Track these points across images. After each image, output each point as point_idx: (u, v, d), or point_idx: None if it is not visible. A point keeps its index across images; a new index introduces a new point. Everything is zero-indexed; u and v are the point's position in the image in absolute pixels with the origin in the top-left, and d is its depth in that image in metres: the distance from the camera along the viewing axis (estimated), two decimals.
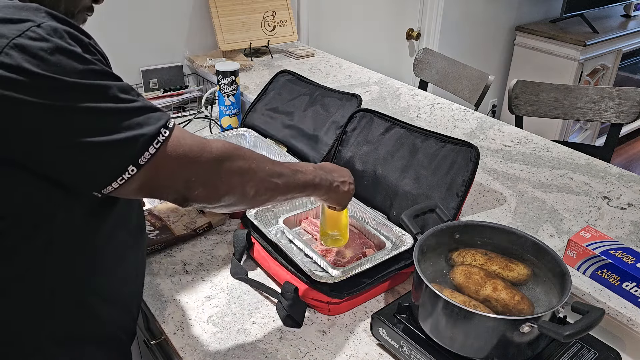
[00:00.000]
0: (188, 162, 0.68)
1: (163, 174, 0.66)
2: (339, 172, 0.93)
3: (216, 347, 0.89)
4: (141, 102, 0.66)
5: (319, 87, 1.48)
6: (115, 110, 0.63)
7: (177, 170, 0.67)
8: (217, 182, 0.71)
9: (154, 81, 1.84)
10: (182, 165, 0.67)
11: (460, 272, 0.85)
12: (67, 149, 0.61)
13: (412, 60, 2.50)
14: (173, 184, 0.68)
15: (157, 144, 0.65)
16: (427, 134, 1.16)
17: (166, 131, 0.66)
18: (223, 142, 0.72)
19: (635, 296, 0.88)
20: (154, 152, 0.64)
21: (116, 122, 0.62)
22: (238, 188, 0.73)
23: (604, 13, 3.41)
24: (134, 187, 0.65)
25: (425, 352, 0.81)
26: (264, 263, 1.05)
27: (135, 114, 0.64)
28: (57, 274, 0.70)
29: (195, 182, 0.69)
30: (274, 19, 2.04)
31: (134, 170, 0.63)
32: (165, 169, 0.66)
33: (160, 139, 0.65)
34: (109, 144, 0.62)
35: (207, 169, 0.69)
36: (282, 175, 0.79)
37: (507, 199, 1.20)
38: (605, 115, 1.95)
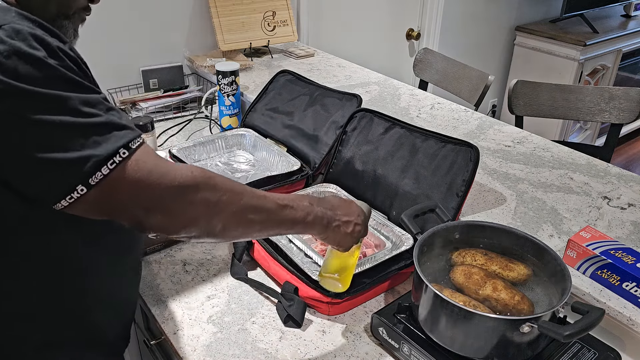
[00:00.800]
0: (146, 187, 0.63)
1: (117, 196, 0.62)
2: (344, 210, 0.82)
3: (216, 347, 0.89)
4: (105, 117, 0.62)
5: (319, 87, 1.48)
6: (70, 124, 0.59)
7: (134, 194, 0.63)
8: (178, 212, 0.65)
9: (154, 81, 1.84)
10: (139, 189, 0.63)
11: (460, 272, 0.85)
12: (19, 159, 0.59)
13: (412, 60, 2.50)
14: (128, 208, 0.63)
15: (112, 165, 0.60)
16: (427, 134, 1.16)
17: (125, 152, 0.62)
18: (193, 169, 0.67)
19: (635, 296, 0.88)
20: (107, 172, 0.60)
21: (70, 138, 0.59)
22: (202, 221, 0.67)
23: (604, 13, 3.41)
24: (86, 207, 0.62)
25: (425, 352, 0.81)
26: (264, 263, 1.05)
27: (94, 131, 0.61)
28: (40, 281, 0.68)
29: (153, 209, 0.63)
30: (274, 19, 2.04)
31: (83, 190, 0.60)
32: (119, 192, 0.62)
33: (116, 159, 0.61)
34: (59, 162, 0.58)
35: (166, 196, 0.64)
36: (262, 210, 0.71)
37: (507, 199, 1.20)
38: (605, 115, 1.95)
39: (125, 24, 1.81)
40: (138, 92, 1.83)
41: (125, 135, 0.63)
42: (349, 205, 0.84)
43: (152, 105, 1.70)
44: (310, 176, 1.30)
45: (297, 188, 1.25)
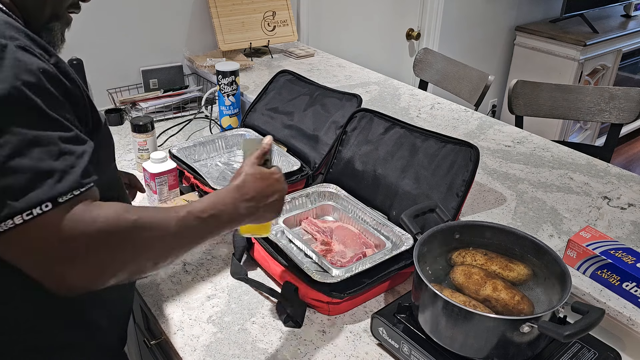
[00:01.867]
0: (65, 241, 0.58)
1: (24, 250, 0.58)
2: (266, 192, 0.78)
3: (216, 347, 0.89)
4: (46, 163, 0.57)
5: (319, 87, 1.48)
6: (6, 161, 0.55)
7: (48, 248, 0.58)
8: (103, 261, 0.60)
9: (154, 81, 1.84)
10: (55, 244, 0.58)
11: (460, 272, 0.85)
12: None
13: (412, 60, 2.50)
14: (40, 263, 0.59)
15: (27, 216, 0.56)
16: (427, 134, 1.16)
17: (49, 205, 0.57)
18: (117, 213, 0.62)
19: (635, 296, 0.88)
20: (20, 222, 0.56)
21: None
22: (130, 265, 0.63)
23: (604, 13, 3.41)
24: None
25: (425, 352, 0.81)
26: (264, 263, 1.05)
27: (25, 176, 0.56)
28: (35, 288, 0.64)
29: (72, 261, 0.58)
30: (274, 19, 2.04)
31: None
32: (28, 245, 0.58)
33: (35, 212, 0.56)
34: None
35: (90, 247, 0.59)
36: (188, 234, 0.68)
37: (507, 199, 1.20)
38: (605, 115, 1.95)
39: (125, 24, 1.81)
40: (138, 92, 1.83)
41: (58, 187, 0.58)
42: (268, 184, 0.80)
43: (152, 105, 1.70)
44: (310, 176, 1.30)
45: (297, 188, 1.25)
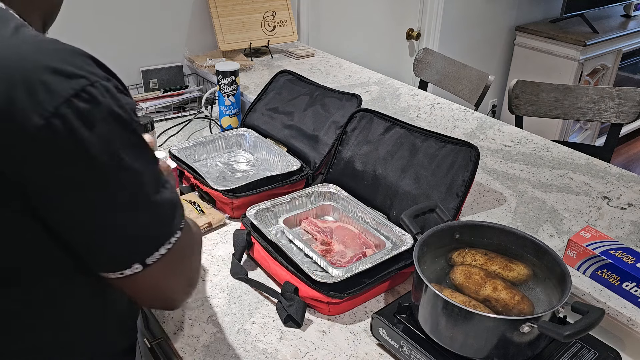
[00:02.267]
0: (187, 266, 0.68)
1: (163, 279, 0.64)
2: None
3: (216, 347, 0.89)
4: (168, 193, 0.62)
5: (319, 87, 1.48)
6: (148, 200, 0.59)
7: (180, 273, 0.66)
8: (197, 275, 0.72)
9: (154, 81, 1.84)
10: (184, 269, 0.67)
11: (460, 272, 0.85)
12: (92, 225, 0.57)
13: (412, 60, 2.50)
14: (169, 291, 0.66)
15: (168, 245, 0.61)
16: (427, 134, 1.16)
17: (179, 232, 0.63)
18: (197, 231, 0.71)
19: (635, 296, 0.88)
20: (164, 252, 0.61)
21: (145, 215, 0.59)
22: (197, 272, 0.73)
23: (604, 13, 3.41)
24: (127, 283, 0.62)
25: (425, 352, 0.81)
26: (264, 263, 1.05)
27: (163, 209, 0.61)
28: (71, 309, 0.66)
29: (190, 287, 0.70)
30: (274, 19, 2.04)
31: (138, 268, 0.60)
32: (166, 274, 0.64)
33: (172, 240, 0.62)
34: (129, 237, 0.59)
35: (197, 272, 0.72)
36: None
37: (507, 199, 1.20)
38: (605, 115, 1.95)
39: (125, 24, 1.81)
40: (138, 92, 1.83)
41: (179, 213, 0.63)
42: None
43: (152, 105, 1.70)
44: (310, 176, 1.30)
45: (297, 188, 1.25)
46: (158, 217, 0.60)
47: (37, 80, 0.51)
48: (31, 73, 0.52)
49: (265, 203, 1.13)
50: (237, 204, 1.19)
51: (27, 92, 0.51)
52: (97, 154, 0.54)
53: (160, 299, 0.67)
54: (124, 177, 0.57)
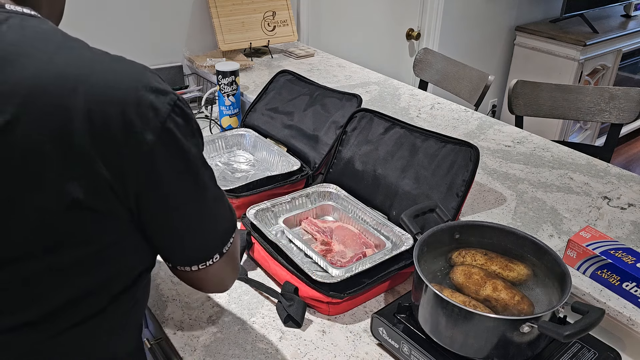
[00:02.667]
0: (236, 255, 0.76)
1: (228, 266, 0.72)
2: None
3: (216, 347, 0.89)
4: (225, 203, 0.70)
5: (319, 87, 1.48)
6: (216, 196, 0.67)
7: (233, 262, 0.74)
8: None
9: None
10: (235, 259, 0.75)
11: (460, 272, 0.85)
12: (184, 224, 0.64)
13: (412, 60, 2.50)
14: (227, 278, 0.75)
15: (234, 234, 0.71)
16: (427, 134, 1.16)
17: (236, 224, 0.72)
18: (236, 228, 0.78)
19: (635, 296, 0.88)
20: (232, 241, 0.70)
21: (220, 208, 0.68)
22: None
23: (604, 13, 3.40)
24: (198, 273, 0.69)
25: (425, 352, 0.81)
26: (264, 263, 1.05)
27: (230, 207, 0.70)
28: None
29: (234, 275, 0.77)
30: (274, 19, 2.04)
31: (217, 257, 0.68)
32: (229, 262, 0.72)
33: (236, 229, 0.72)
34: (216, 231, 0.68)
35: (238, 262, 0.79)
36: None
37: (507, 199, 1.20)
38: (605, 115, 1.95)
39: (125, 24, 1.81)
40: None
41: (234, 209, 0.72)
42: None
43: None
44: (310, 176, 1.30)
45: (297, 188, 1.25)
46: (230, 208, 0.70)
47: (146, 102, 0.56)
48: (140, 94, 0.56)
49: (265, 203, 1.13)
50: (237, 204, 1.19)
51: (138, 114, 0.55)
52: (194, 157, 0.61)
53: (220, 284, 0.74)
54: (208, 175, 0.65)
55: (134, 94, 0.55)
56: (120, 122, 0.54)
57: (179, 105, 0.59)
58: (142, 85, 0.56)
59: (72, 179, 0.53)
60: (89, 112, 0.52)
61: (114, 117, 0.53)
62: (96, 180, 0.54)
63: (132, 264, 0.65)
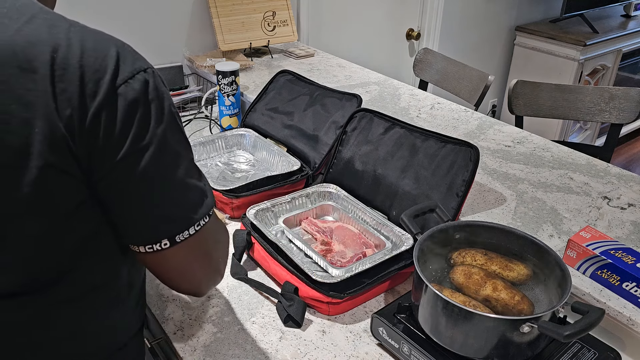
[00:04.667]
0: (211, 254, 0.73)
1: (191, 257, 0.68)
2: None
3: (216, 347, 0.89)
4: (202, 183, 0.68)
5: (319, 87, 1.48)
6: (187, 183, 0.65)
7: (204, 258, 0.71)
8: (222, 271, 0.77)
9: None
10: (208, 255, 0.72)
11: (460, 272, 0.85)
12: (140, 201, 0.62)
13: (412, 60, 2.50)
14: (191, 273, 0.70)
15: (197, 226, 0.66)
16: (427, 134, 1.16)
17: (207, 218, 0.67)
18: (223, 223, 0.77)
19: (635, 296, 0.88)
20: (192, 233, 0.65)
21: (182, 192, 0.65)
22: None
23: (604, 13, 3.40)
24: (154, 259, 0.66)
25: (425, 352, 0.81)
26: (264, 263, 1.05)
27: (197, 193, 0.66)
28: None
29: (213, 276, 0.75)
30: (274, 19, 2.04)
31: (167, 244, 0.64)
32: (194, 253, 0.68)
33: (202, 222, 0.66)
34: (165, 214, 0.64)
35: (222, 262, 0.76)
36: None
37: (507, 199, 1.20)
38: (605, 115, 1.95)
39: (125, 24, 1.81)
40: None
41: (210, 199, 0.68)
42: None
43: None
44: (310, 176, 1.30)
45: (297, 188, 1.25)
46: (192, 198, 0.66)
47: (128, 50, 0.60)
48: (123, 46, 0.60)
49: (265, 203, 1.13)
50: (237, 204, 1.19)
51: (120, 57, 0.59)
52: (167, 113, 0.61)
53: (186, 281, 0.71)
54: (179, 148, 0.64)
55: (119, 44, 0.60)
56: (77, 82, 0.55)
57: (145, 78, 0.60)
58: (108, 52, 0.58)
59: (36, 136, 0.54)
60: (53, 72, 0.55)
61: (73, 79, 0.55)
62: (55, 136, 0.55)
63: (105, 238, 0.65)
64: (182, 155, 0.64)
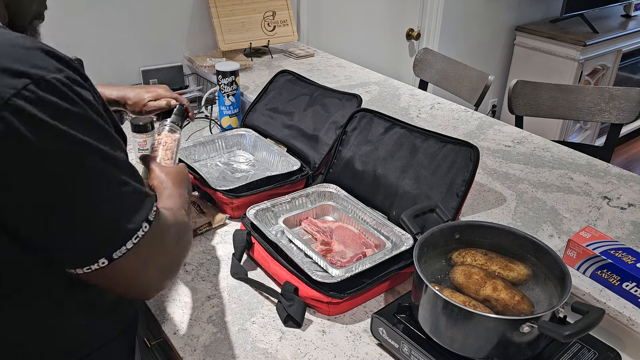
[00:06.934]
0: (162, 256, 0.68)
1: (133, 272, 0.64)
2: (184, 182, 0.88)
3: (216, 347, 0.89)
4: (134, 185, 0.62)
5: (319, 87, 1.48)
6: (111, 191, 0.59)
7: (150, 268, 0.66)
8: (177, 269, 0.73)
9: (154, 81, 1.84)
10: (156, 261, 0.66)
11: (460, 272, 0.85)
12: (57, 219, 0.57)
13: (412, 60, 2.50)
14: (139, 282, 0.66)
15: (135, 239, 0.61)
16: (427, 134, 1.16)
17: (147, 225, 0.62)
18: (176, 215, 0.72)
19: (635, 296, 0.88)
20: (130, 247, 0.60)
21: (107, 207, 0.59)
22: (182, 260, 0.75)
23: (604, 13, 3.40)
24: (97, 278, 0.62)
25: (425, 352, 0.81)
26: (264, 263, 1.05)
27: (126, 200, 0.60)
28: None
29: (165, 277, 0.70)
30: (274, 19, 2.04)
31: (104, 262, 0.59)
32: (136, 267, 0.63)
33: (139, 234, 0.61)
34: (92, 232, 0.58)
35: (177, 261, 0.72)
36: (189, 225, 0.78)
37: (507, 199, 1.20)
38: (605, 115, 1.95)
39: (125, 24, 1.81)
40: None
41: (148, 205, 0.63)
42: (184, 176, 0.89)
43: None
44: (310, 176, 1.30)
45: (297, 188, 1.25)
46: (121, 211, 0.60)
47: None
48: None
49: (265, 203, 1.13)
50: (237, 204, 1.19)
51: None
52: (45, 149, 0.53)
53: (132, 290, 0.67)
54: (80, 172, 0.56)
55: None
56: None
57: (33, 90, 0.53)
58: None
59: None
60: None
61: None
62: None
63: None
64: (96, 165, 0.58)
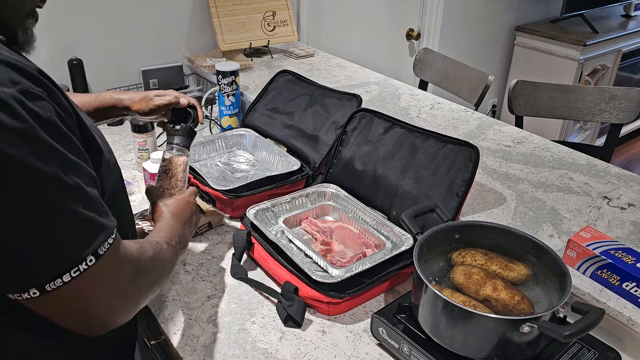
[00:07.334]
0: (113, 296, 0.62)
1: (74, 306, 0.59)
2: (189, 214, 0.89)
3: (216, 347, 0.89)
4: (82, 214, 0.56)
5: (319, 87, 1.48)
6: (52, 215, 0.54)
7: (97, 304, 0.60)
8: (139, 303, 0.67)
9: (154, 81, 1.84)
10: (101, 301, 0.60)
11: (460, 272, 0.85)
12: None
13: (412, 60, 2.50)
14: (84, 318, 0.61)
15: (75, 273, 0.55)
16: (427, 134, 1.16)
17: (92, 259, 0.57)
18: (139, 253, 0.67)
19: (635, 296, 0.88)
20: (67, 280, 0.55)
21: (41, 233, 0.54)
22: (150, 295, 0.70)
23: (604, 13, 3.40)
24: (36, 307, 0.57)
25: (425, 352, 0.81)
26: (264, 263, 1.05)
27: (67, 228, 0.55)
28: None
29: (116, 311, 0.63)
30: (274, 19, 2.04)
31: (36, 293, 0.55)
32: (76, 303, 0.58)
33: (81, 267, 0.56)
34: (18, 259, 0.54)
35: (131, 297, 0.65)
36: (173, 259, 0.77)
37: (507, 199, 1.20)
38: (605, 115, 1.95)
39: (125, 24, 1.81)
40: None
41: (100, 238, 0.58)
42: (187, 207, 0.90)
43: None
44: (310, 176, 1.30)
45: (297, 188, 1.25)
46: (60, 241, 0.55)
47: None
48: None
49: (265, 203, 1.13)
50: (237, 204, 1.19)
51: None
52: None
53: (75, 324, 0.61)
54: (13, 194, 0.52)
55: None
56: None
57: None
58: None
59: None
60: None
61: None
62: None
63: None
64: (40, 192, 0.53)
